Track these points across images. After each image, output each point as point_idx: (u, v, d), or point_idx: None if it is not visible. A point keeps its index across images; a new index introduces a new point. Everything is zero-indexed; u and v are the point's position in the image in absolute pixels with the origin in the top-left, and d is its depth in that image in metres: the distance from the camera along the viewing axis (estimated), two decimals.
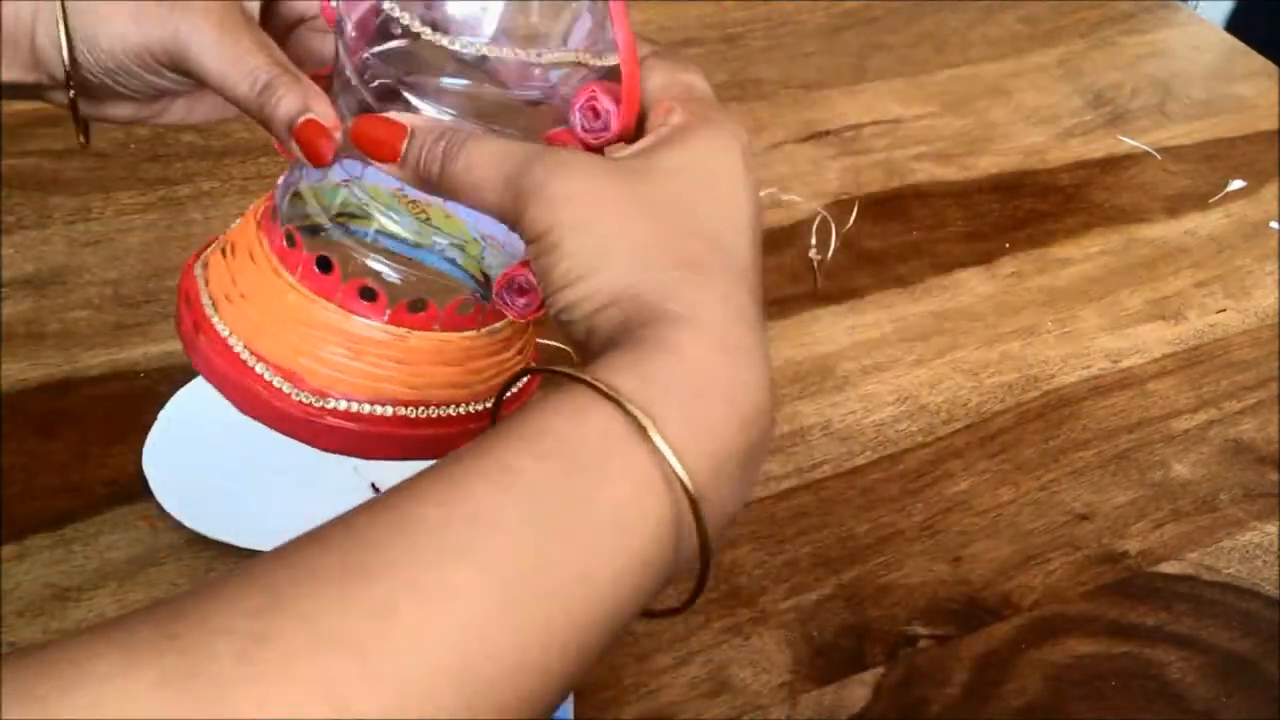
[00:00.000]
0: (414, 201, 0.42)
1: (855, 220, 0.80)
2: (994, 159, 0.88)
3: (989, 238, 0.80)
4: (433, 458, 0.36)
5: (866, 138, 0.88)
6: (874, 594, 0.58)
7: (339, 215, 0.43)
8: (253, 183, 0.76)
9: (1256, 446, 0.67)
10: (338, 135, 0.41)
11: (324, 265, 0.41)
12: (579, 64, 0.40)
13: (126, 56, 0.43)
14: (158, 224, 0.73)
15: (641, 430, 0.30)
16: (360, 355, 0.42)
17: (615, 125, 0.40)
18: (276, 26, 0.46)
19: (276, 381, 0.41)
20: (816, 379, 0.69)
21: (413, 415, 0.42)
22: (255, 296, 0.42)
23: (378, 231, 0.42)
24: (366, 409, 0.42)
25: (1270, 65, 1.01)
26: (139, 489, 0.57)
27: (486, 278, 0.44)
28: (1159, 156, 0.90)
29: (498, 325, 0.44)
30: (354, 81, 0.42)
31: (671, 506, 0.31)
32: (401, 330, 0.42)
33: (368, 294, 0.41)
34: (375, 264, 0.42)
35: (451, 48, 0.39)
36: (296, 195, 0.43)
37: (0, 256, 0.70)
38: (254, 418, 0.41)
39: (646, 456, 0.30)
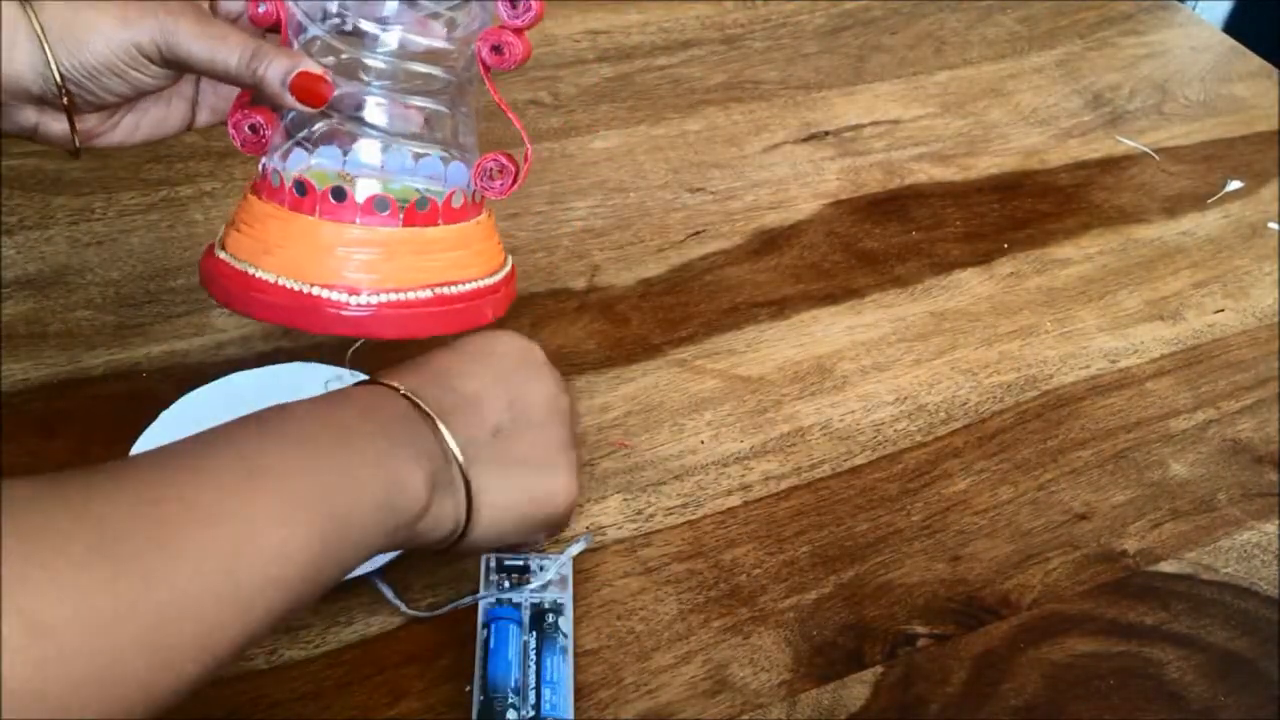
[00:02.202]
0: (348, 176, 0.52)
1: (855, 221, 0.81)
2: (993, 159, 0.88)
3: (988, 238, 0.81)
4: (470, 326, 0.53)
5: (865, 138, 0.88)
6: (873, 593, 0.58)
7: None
8: None
9: (1255, 446, 0.68)
10: (330, 79, 0.50)
11: (338, 195, 0.50)
12: None
13: (114, 54, 0.49)
14: (160, 224, 0.73)
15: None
16: (393, 255, 0.50)
17: (536, 5, 0.50)
18: None
19: (335, 296, 0.49)
20: (815, 379, 0.69)
21: (448, 293, 0.52)
22: (290, 242, 0.50)
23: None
24: (411, 295, 0.50)
25: (1268, 66, 1.02)
26: None
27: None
28: (1157, 157, 0.90)
29: (481, 216, 0.55)
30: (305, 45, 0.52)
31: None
32: (416, 228, 0.51)
33: (381, 205, 0.50)
34: (377, 180, 0.52)
35: None
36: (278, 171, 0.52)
37: (2, 257, 0.70)
38: (326, 331, 0.50)
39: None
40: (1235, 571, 0.61)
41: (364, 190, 0.50)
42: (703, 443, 0.64)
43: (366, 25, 0.50)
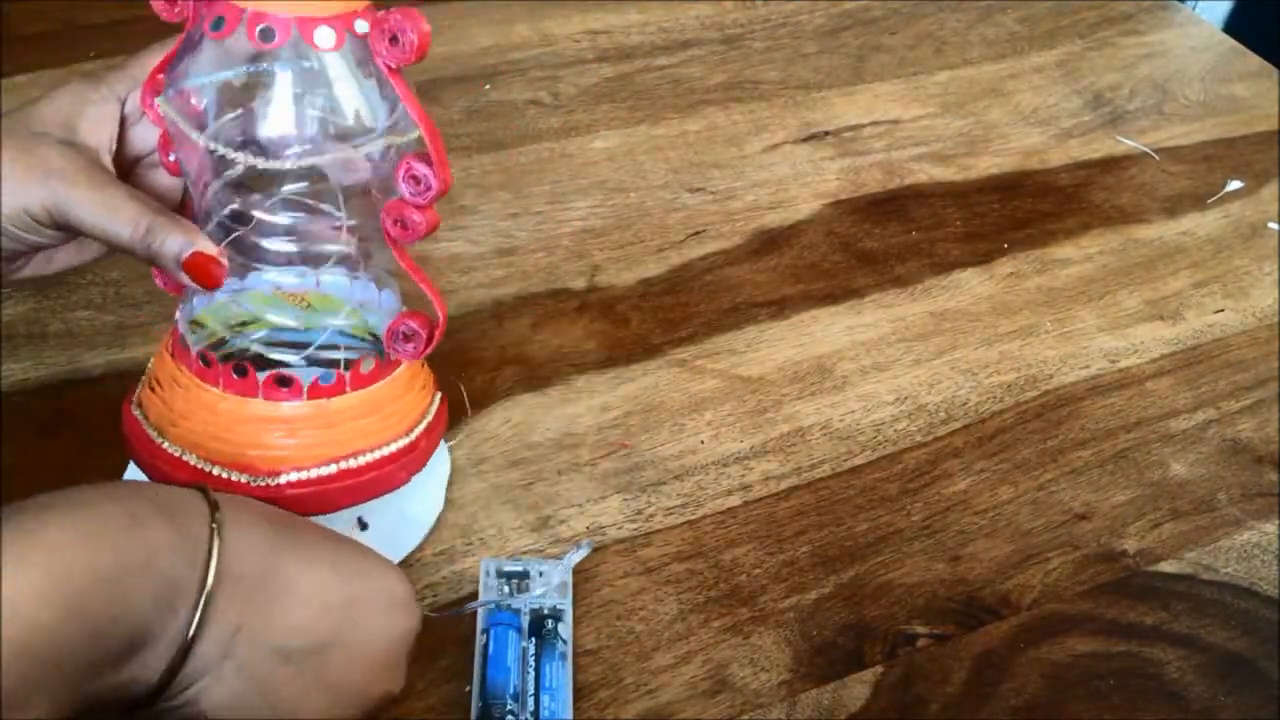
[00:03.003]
0: (291, 294, 0.51)
1: (854, 220, 0.81)
2: (993, 159, 0.88)
3: (988, 238, 0.81)
4: (380, 494, 0.52)
5: (865, 138, 0.88)
6: (873, 593, 0.58)
7: (236, 325, 0.51)
8: None
9: (1255, 446, 0.67)
10: (224, 260, 0.48)
11: (240, 371, 0.49)
12: (390, 146, 0.48)
13: (6, 219, 0.48)
14: None
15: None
16: (295, 432, 0.50)
17: (436, 184, 0.47)
18: (122, 166, 0.52)
19: (234, 476, 0.49)
20: (815, 379, 0.69)
21: (353, 465, 0.50)
22: (193, 415, 0.50)
23: (271, 330, 0.51)
24: (314, 473, 0.50)
25: (1268, 66, 1.02)
26: None
27: (375, 336, 0.53)
28: (1157, 157, 0.90)
29: (396, 373, 0.52)
30: (207, 214, 0.49)
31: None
32: (321, 400, 0.50)
33: (284, 381, 0.49)
34: (280, 355, 0.50)
35: (283, 167, 0.46)
36: (195, 323, 0.51)
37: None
38: None
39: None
40: (1235, 571, 0.61)
41: (266, 366, 0.50)
42: (703, 443, 0.64)
43: (259, 215, 0.48)
